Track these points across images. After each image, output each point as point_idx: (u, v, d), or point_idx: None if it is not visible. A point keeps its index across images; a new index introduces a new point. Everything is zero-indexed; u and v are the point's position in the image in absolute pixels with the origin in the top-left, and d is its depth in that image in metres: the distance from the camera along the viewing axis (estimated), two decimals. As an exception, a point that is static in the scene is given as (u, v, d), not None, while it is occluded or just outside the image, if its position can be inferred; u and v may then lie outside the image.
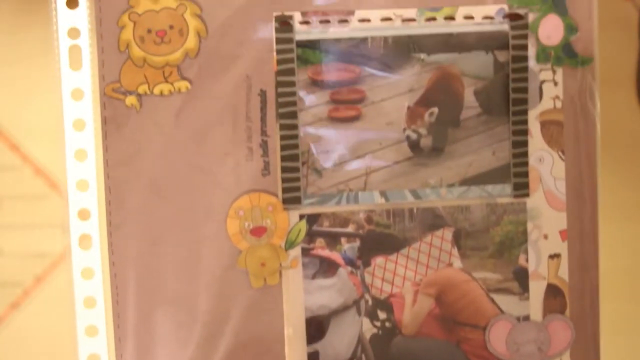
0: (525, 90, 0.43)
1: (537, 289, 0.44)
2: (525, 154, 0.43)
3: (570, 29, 0.43)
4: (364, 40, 0.43)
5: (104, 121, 0.43)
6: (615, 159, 0.78)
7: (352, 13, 0.43)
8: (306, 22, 0.43)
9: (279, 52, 0.42)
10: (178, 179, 0.43)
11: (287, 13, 0.42)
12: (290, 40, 0.42)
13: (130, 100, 0.42)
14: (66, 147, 0.43)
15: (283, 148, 0.43)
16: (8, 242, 0.70)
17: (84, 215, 0.43)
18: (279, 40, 0.42)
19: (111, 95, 0.42)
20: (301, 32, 0.43)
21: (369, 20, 0.43)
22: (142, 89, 0.42)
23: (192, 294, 0.43)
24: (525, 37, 0.43)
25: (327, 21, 0.43)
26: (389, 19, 0.43)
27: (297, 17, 0.42)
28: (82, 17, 0.42)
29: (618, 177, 0.76)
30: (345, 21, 0.43)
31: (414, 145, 0.43)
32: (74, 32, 0.43)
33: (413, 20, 0.43)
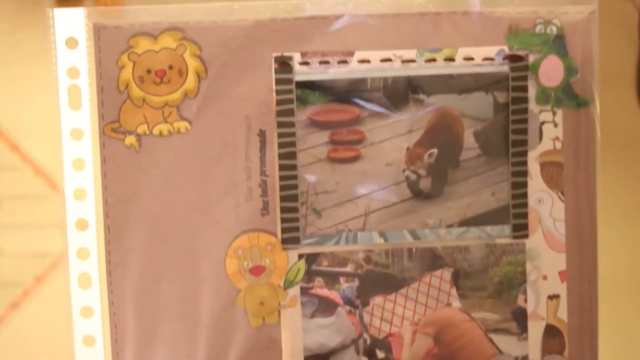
0: (525, 131, 0.43)
1: (535, 329, 0.44)
2: (524, 195, 0.43)
3: (571, 70, 0.43)
4: (363, 80, 0.43)
5: (104, 161, 0.43)
6: (615, 160, 0.77)
7: (351, 54, 0.43)
8: (306, 63, 0.43)
9: (278, 92, 0.43)
10: (177, 218, 0.43)
11: (286, 54, 0.42)
12: (289, 81, 0.42)
13: (130, 140, 0.43)
14: (65, 185, 0.43)
15: (282, 188, 0.43)
16: (8, 242, 0.70)
17: (83, 254, 0.43)
18: (278, 81, 0.42)
19: (110, 135, 0.42)
20: (301, 73, 0.43)
21: (368, 61, 0.43)
22: (142, 129, 0.42)
23: (191, 332, 0.43)
24: (525, 78, 0.43)
25: (327, 62, 0.43)
26: (388, 59, 0.43)
27: (297, 57, 0.42)
28: (81, 57, 0.42)
29: (618, 178, 0.76)
30: (345, 62, 0.43)
31: (413, 186, 0.43)
32: (73, 72, 0.43)
33: (413, 61, 0.43)
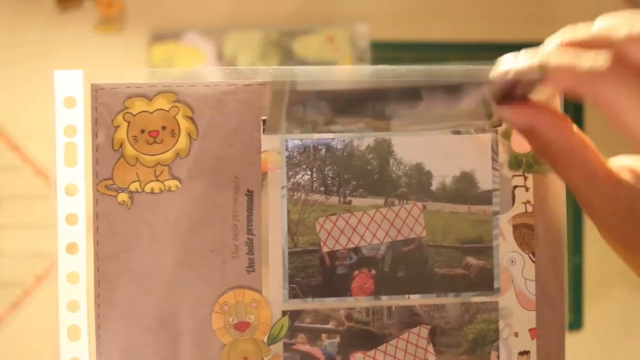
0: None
1: (507, 385, 0.46)
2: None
3: (541, 138, 0.46)
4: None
5: (96, 217, 0.44)
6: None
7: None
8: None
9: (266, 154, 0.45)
10: (165, 274, 0.44)
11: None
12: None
13: (122, 197, 0.44)
14: (58, 241, 0.44)
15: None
16: (8, 242, 0.70)
17: (73, 307, 0.44)
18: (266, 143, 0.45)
19: (104, 192, 0.44)
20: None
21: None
22: (134, 186, 0.44)
23: (175, 385, 0.44)
24: None
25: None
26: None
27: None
28: (78, 116, 0.44)
29: None
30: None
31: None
32: (70, 130, 0.44)
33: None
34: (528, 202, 0.46)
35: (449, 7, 0.84)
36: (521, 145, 0.46)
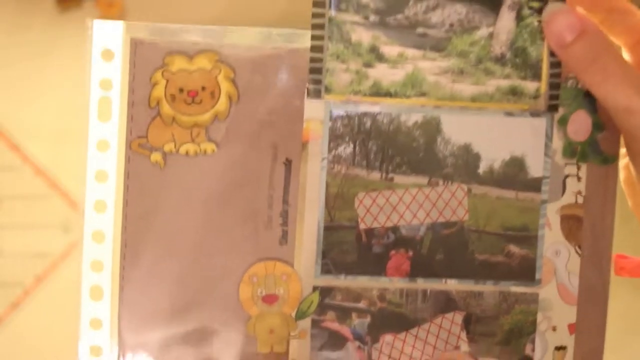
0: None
1: (540, 380, 0.44)
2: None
3: (598, 126, 0.44)
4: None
5: (127, 175, 0.42)
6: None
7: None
8: (338, 96, 0.43)
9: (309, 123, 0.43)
10: (194, 239, 0.43)
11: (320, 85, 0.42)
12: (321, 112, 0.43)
13: (155, 157, 0.42)
14: (86, 197, 0.43)
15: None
16: (8, 242, 0.70)
17: (97, 266, 0.43)
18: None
19: (137, 150, 0.42)
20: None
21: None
22: (168, 147, 0.42)
23: (198, 352, 0.43)
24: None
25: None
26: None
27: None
28: (115, 70, 0.42)
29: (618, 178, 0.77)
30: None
31: (433, 228, 0.44)
32: (106, 84, 0.42)
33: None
34: (579, 192, 0.44)
35: None
36: (577, 132, 0.44)
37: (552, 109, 0.43)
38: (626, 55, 0.43)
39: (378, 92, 0.42)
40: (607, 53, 0.39)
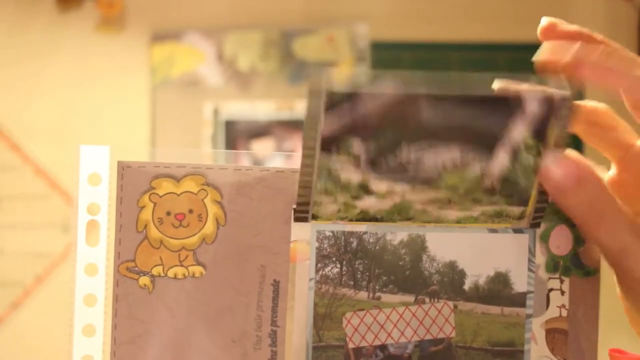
0: None
1: None
2: (528, 361, 0.44)
3: (579, 240, 0.45)
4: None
5: (116, 299, 0.43)
6: None
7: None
8: (324, 217, 0.43)
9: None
10: (184, 362, 0.43)
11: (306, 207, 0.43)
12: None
13: (144, 280, 0.43)
14: (75, 321, 0.43)
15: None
16: (8, 242, 0.69)
17: (86, 391, 0.43)
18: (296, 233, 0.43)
19: (125, 274, 0.43)
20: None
21: (386, 219, 0.43)
22: (157, 270, 0.43)
23: None
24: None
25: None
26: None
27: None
28: (103, 194, 0.43)
29: None
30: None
31: None
32: (94, 208, 0.43)
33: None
34: (563, 306, 0.45)
35: (449, 7, 0.83)
36: (559, 246, 0.45)
37: (535, 225, 0.44)
38: (612, 168, 0.44)
39: (364, 218, 0.42)
40: (603, 199, 0.41)
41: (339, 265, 0.43)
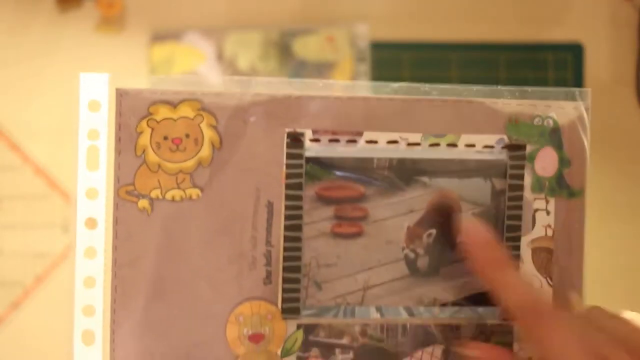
0: (519, 217, 0.46)
1: (519, 408, 0.46)
2: (515, 279, 0.45)
3: (564, 162, 0.46)
4: (370, 160, 0.45)
5: (116, 221, 0.44)
6: (615, 159, 0.80)
7: (360, 134, 0.45)
8: (316, 140, 0.45)
9: (288, 166, 0.44)
10: (182, 283, 0.44)
11: (298, 130, 0.44)
12: (300, 156, 0.44)
13: (143, 203, 0.44)
14: (77, 244, 0.44)
15: (286, 259, 0.44)
16: (8, 242, 0.71)
17: (88, 311, 0.44)
18: (289, 156, 0.44)
19: (124, 198, 0.44)
20: (311, 149, 0.45)
21: (376, 142, 0.45)
22: (155, 193, 0.44)
23: (187, 393, 0.44)
24: (522, 167, 0.46)
25: (337, 140, 0.45)
26: (395, 142, 0.45)
27: (308, 134, 0.45)
28: (102, 120, 0.44)
29: (618, 177, 0.78)
30: (354, 141, 0.45)
31: (411, 265, 0.45)
32: (93, 134, 0.44)
33: (418, 144, 0.45)
34: (549, 226, 0.46)
35: (449, 7, 0.84)
36: (545, 168, 0.46)
37: None
38: None
39: None
40: None
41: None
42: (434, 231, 0.45)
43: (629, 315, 0.43)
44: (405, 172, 0.45)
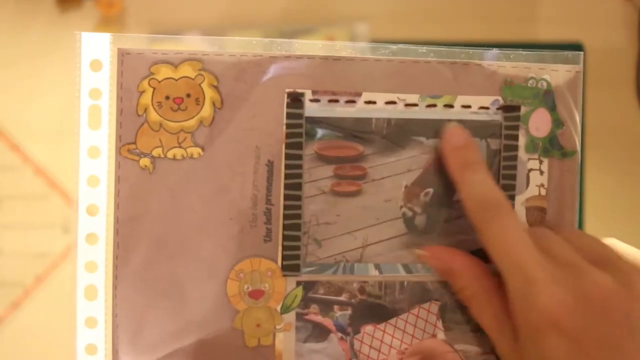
0: (514, 177, 0.47)
1: (513, 363, 0.47)
2: (510, 237, 0.47)
3: (557, 123, 0.47)
4: (368, 120, 0.46)
5: (118, 180, 0.45)
6: (615, 159, 0.81)
7: (359, 95, 0.46)
8: (316, 100, 0.45)
9: (288, 126, 0.45)
10: (183, 240, 0.45)
11: (298, 90, 0.45)
12: (300, 116, 0.45)
13: (144, 162, 0.45)
14: (79, 201, 0.45)
15: (286, 217, 0.45)
16: (8, 242, 0.71)
17: (91, 267, 0.45)
18: (289, 115, 0.45)
19: (126, 156, 0.45)
20: (311, 109, 0.45)
21: (374, 103, 0.46)
22: (157, 152, 0.45)
23: (188, 349, 0.45)
24: (516, 128, 0.47)
25: (336, 100, 0.45)
26: (393, 102, 0.46)
27: (308, 94, 0.45)
28: (104, 80, 0.45)
29: (618, 177, 0.80)
30: (353, 102, 0.46)
31: (409, 222, 0.46)
32: (95, 93, 0.45)
33: (415, 105, 0.46)
34: (542, 185, 0.47)
35: (449, 7, 0.85)
36: (538, 129, 0.47)
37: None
38: None
39: None
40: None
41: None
42: (431, 190, 0.46)
43: (610, 240, 0.44)
44: (403, 132, 0.46)
